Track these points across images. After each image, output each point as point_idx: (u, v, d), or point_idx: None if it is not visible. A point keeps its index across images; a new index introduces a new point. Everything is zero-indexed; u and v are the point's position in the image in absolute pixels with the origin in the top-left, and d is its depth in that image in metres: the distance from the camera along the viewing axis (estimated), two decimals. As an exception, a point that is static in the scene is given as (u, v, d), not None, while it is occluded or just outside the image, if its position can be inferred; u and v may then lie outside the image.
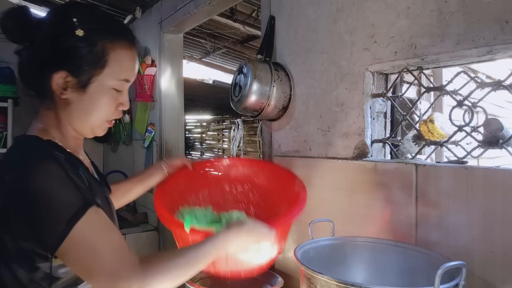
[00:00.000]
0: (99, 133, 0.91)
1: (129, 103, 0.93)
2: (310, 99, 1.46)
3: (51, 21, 0.85)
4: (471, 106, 1.07)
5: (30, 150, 0.80)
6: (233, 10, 2.99)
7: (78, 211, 0.73)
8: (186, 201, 1.31)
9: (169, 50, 2.75)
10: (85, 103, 0.85)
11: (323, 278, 0.83)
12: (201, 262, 0.84)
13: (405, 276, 1.03)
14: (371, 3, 1.22)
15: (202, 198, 1.36)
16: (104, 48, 0.83)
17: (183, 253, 0.84)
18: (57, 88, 0.83)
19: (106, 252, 0.75)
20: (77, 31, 0.80)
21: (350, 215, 1.26)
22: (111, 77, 0.85)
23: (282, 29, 1.60)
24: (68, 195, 0.74)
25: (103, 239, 0.76)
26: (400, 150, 1.26)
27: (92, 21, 0.85)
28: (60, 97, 0.84)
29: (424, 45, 1.08)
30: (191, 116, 6.88)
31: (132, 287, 0.73)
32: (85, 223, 0.73)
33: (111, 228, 0.79)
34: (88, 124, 0.88)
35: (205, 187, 1.37)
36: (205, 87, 4.29)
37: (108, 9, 3.10)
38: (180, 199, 1.28)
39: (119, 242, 0.78)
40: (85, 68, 0.82)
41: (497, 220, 0.90)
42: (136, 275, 0.74)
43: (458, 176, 0.98)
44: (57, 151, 0.81)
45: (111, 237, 0.77)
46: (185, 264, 0.81)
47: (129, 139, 3.22)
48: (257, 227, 0.94)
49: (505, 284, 0.90)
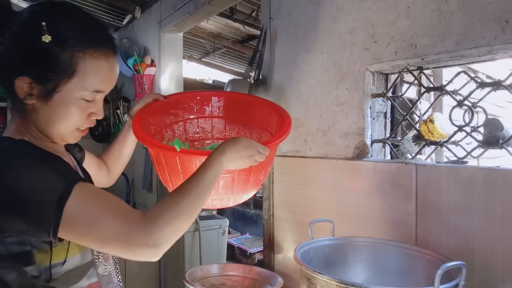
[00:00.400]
0: (70, 141, 0.88)
1: (103, 112, 0.88)
2: (310, 99, 1.46)
3: (22, 20, 0.78)
4: (471, 106, 1.07)
5: (1, 150, 0.77)
6: (232, 10, 2.99)
7: (63, 192, 0.71)
8: (162, 136, 1.26)
9: (168, 50, 2.75)
10: (50, 112, 0.80)
11: (323, 278, 0.83)
12: (206, 194, 0.82)
13: (405, 276, 1.03)
14: (371, 2, 1.22)
15: (178, 134, 1.30)
16: (72, 57, 0.77)
17: (186, 191, 0.80)
18: (22, 93, 0.78)
19: (108, 218, 0.73)
20: (44, 37, 0.75)
21: (350, 215, 1.26)
22: (79, 88, 0.79)
23: (282, 29, 1.59)
24: (49, 180, 0.72)
25: (101, 207, 0.74)
26: (400, 150, 1.26)
27: (64, 26, 0.78)
28: (26, 102, 0.79)
29: (424, 45, 1.08)
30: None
31: (149, 241, 0.72)
32: (76, 200, 0.72)
33: (104, 194, 0.77)
34: (55, 133, 0.84)
35: (180, 121, 1.31)
36: (204, 87, 4.29)
37: (108, 9, 3.09)
38: (156, 133, 1.23)
39: (117, 204, 0.76)
40: (49, 76, 0.77)
41: (497, 220, 0.90)
42: (148, 228, 0.73)
43: (458, 176, 0.98)
44: (30, 148, 0.80)
45: (108, 202, 0.75)
46: (190, 203, 0.79)
47: (129, 139, 3.22)
48: (252, 143, 0.91)
49: (505, 284, 0.89)
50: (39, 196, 0.71)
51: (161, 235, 0.74)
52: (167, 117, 1.29)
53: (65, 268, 0.81)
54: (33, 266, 0.78)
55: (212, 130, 1.33)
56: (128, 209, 0.76)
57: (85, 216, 0.73)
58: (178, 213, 0.77)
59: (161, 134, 1.25)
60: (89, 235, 0.74)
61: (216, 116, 1.32)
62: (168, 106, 1.27)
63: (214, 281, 1.43)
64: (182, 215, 0.77)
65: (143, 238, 0.72)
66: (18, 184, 0.71)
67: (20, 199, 0.71)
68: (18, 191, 0.71)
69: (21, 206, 0.72)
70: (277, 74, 1.63)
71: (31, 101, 0.79)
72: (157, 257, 0.76)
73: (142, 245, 0.73)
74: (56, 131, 0.83)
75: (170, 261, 2.69)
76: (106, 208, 0.74)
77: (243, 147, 0.89)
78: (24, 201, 0.71)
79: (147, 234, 0.73)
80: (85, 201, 0.74)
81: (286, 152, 1.58)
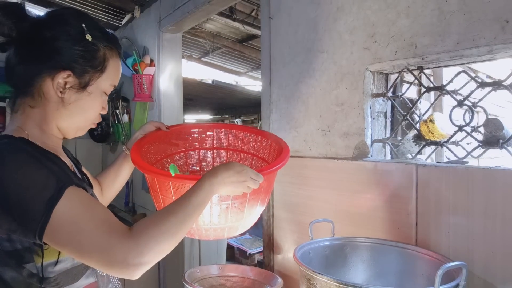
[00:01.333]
0: (81, 134, 0.94)
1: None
2: (310, 98, 1.46)
3: (54, 22, 0.87)
4: (471, 106, 1.07)
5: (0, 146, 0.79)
6: (232, 9, 2.98)
7: (54, 194, 0.72)
8: (163, 166, 1.26)
9: (168, 50, 2.74)
10: (82, 103, 0.88)
11: (323, 279, 0.82)
12: (192, 215, 0.81)
13: (405, 277, 1.02)
14: (372, 2, 1.22)
15: (179, 164, 1.30)
16: (105, 54, 0.89)
17: (172, 211, 0.80)
18: (57, 87, 0.84)
19: (91, 228, 0.72)
20: (87, 36, 0.86)
21: (350, 215, 1.25)
22: (106, 82, 0.91)
23: (282, 28, 1.59)
24: (43, 179, 0.73)
25: (86, 217, 0.74)
26: (400, 150, 1.26)
27: (96, 28, 0.89)
28: (56, 95, 0.85)
29: (425, 44, 1.07)
30: (190, 116, 6.88)
31: (128, 257, 0.71)
32: (65, 205, 0.72)
33: (93, 203, 0.77)
34: (77, 124, 0.91)
35: (181, 152, 1.31)
36: (204, 86, 4.28)
37: (107, 9, 3.09)
38: (156, 163, 1.23)
39: (104, 215, 0.76)
40: (88, 70, 0.87)
41: (497, 220, 0.90)
42: (129, 245, 0.72)
43: (458, 176, 0.98)
44: (28, 146, 0.80)
45: (94, 212, 0.75)
46: (176, 223, 0.78)
47: (128, 139, 3.21)
48: (245, 169, 0.89)
49: (505, 284, 0.89)
50: (29, 193, 0.71)
51: (142, 252, 0.72)
52: (168, 147, 1.29)
53: (58, 268, 0.80)
54: (29, 264, 0.77)
55: (214, 161, 1.34)
56: (113, 222, 0.76)
57: (70, 223, 0.72)
58: (163, 232, 0.76)
59: (161, 163, 1.25)
60: (71, 243, 0.73)
61: (217, 148, 1.33)
62: (170, 136, 1.27)
63: (214, 282, 1.43)
64: (166, 235, 0.76)
65: (123, 253, 0.71)
66: (10, 180, 0.72)
67: (10, 196, 0.71)
68: (9, 187, 0.71)
69: (11, 203, 0.72)
70: (277, 74, 1.63)
71: (64, 94, 0.86)
72: (136, 275, 0.74)
73: (121, 261, 0.71)
74: (78, 123, 0.91)
75: (170, 262, 2.69)
76: (91, 218, 0.74)
77: (235, 172, 0.88)
78: (15, 197, 0.71)
79: (127, 250, 0.72)
80: (72, 207, 0.73)
81: (286, 152, 1.58)
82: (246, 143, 1.30)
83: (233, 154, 1.33)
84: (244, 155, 1.31)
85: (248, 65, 4.74)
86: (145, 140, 1.18)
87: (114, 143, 3.50)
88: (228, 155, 1.34)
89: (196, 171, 1.32)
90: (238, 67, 4.84)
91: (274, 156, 1.15)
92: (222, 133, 1.33)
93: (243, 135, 1.30)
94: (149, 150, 1.19)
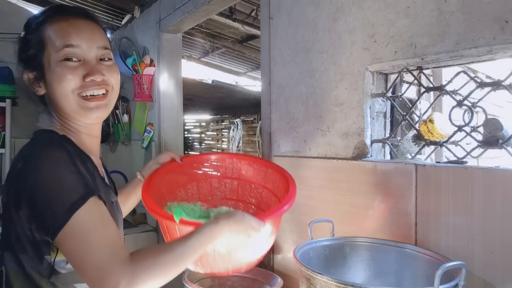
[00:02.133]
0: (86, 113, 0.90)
1: (99, 71, 0.90)
2: (310, 99, 1.46)
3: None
4: (470, 106, 1.07)
5: (42, 139, 0.86)
6: (232, 10, 2.98)
7: (79, 198, 0.75)
8: (175, 196, 1.28)
9: (168, 50, 2.74)
10: (50, 85, 0.88)
11: (323, 279, 0.83)
12: (189, 256, 0.83)
13: (405, 276, 1.03)
14: (371, 2, 1.22)
15: (190, 193, 1.33)
16: (39, 33, 0.89)
17: (171, 248, 0.82)
18: (31, 86, 0.91)
19: (98, 245, 0.75)
20: (21, 34, 0.92)
21: (349, 215, 1.26)
22: (53, 51, 0.87)
23: (282, 29, 1.59)
24: (72, 182, 0.77)
25: (99, 232, 0.76)
26: (399, 150, 1.26)
27: (32, 19, 0.93)
28: (38, 95, 0.91)
29: (424, 44, 1.08)
30: (190, 116, 6.88)
31: (120, 284, 0.72)
32: (85, 212, 0.75)
33: (108, 221, 0.80)
34: (65, 105, 0.89)
35: (194, 181, 1.34)
36: (204, 87, 4.28)
37: (107, 9, 3.09)
38: (168, 193, 1.26)
39: (113, 236, 0.78)
40: (32, 57, 0.89)
41: (496, 220, 0.90)
42: (125, 272, 0.73)
43: (457, 176, 0.98)
44: (68, 144, 0.86)
45: (106, 230, 0.78)
46: (173, 260, 0.80)
47: (128, 139, 3.22)
48: (246, 218, 0.91)
49: (505, 284, 0.89)
50: (56, 191, 0.76)
51: (136, 281, 0.73)
52: (181, 177, 1.32)
53: (69, 266, 0.82)
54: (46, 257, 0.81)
55: (225, 190, 1.37)
56: (119, 245, 0.77)
57: (82, 233, 0.75)
58: (159, 267, 0.77)
59: (173, 193, 1.28)
60: (75, 251, 0.75)
61: (229, 177, 1.36)
62: (182, 166, 1.31)
63: (214, 282, 1.43)
64: (161, 270, 0.78)
65: (117, 278, 0.72)
66: (44, 174, 0.76)
67: (40, 188, 0.76)
68: (40, 180, 0.76)
69: (37, 195, 0.76)
70: (276, 74, 1.63)
71: (40, 91, 0.91)
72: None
73: (113, 285, 0.72)
74: (63, 103, 0.89)
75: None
76: (102, 234, 0.76)
77: (235, 221, 0.90)
78: (43, 192, 0.76)
79: (122, 276, 0.73)
80: (90, 218, 0.76)
81: (286, 152, 1.58)
82: (257, 174, 1.33)
83: (244, 184, 1.36)
84: (255, 185, 1.33)
85: (248, 65, 4.74)
86: (159, 171, 1.23)
87: (114, 143, 3.50)
88: (239, 185, 1.36)
89: (208, 200, 1.36)
90: (238, 67, 4.84)
91: (283, 191, 1.16)
92: (234, 163, 1.36)
93: (254, 166, 1.34)
94: (161, 182, 1.23)
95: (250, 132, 5.43)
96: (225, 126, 6.04)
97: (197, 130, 6.90)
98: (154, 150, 2.79)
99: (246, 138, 5.51)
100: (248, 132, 5.47)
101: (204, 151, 6.65)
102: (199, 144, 6.83)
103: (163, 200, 1.21)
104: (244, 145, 5.52)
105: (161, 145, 2.75)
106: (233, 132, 5.62)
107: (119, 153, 3.48)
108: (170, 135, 2.79)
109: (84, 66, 0.89)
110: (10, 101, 3.04)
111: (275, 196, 1.23)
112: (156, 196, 1.15)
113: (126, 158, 3.27)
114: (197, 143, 6.90)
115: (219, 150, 6.23)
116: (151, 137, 2.81)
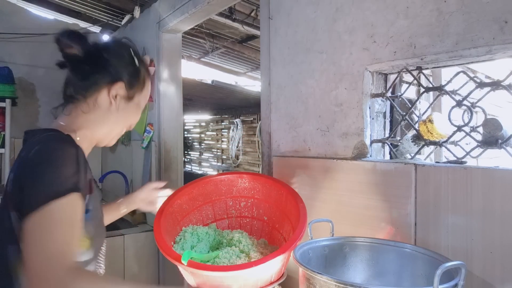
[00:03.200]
0: (111, 143, 1.09)
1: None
2: (309, 99, 1.46)
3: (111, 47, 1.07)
4: (470, 106, 1.07)
5: (53, 135, 0.91)
6: (232, 10, 2.99)
7: (62, 190, 0.78)
8: (189, 219, 1.32)
9: (167, 50, 2.75)
10: (126, 111, 1.06)
11: (322, 279, 0.83)
12: None
13: (405, 276, 1.03)
14: (371, 2, 1.22)
15: (205, 214, 1.37)
16: (144, 76, 1.09)
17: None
18: (112, 96, 1.01)
19: (60, 244, 0.75)
20: (135, 59, 1.06)
21: (349, 215, 1.26)
22: (144, 98, 1.10)
23: (281, 29, 1.59)
24: (68, 174, 0.81)
25: (65, 230, 0.78)
26: (399, 150, 1.26)
27: (138, 55, 1.09)
28: (109, 103, 1.01)
29: (424, 45, 1.08)
30: (190, 116, 6.88)
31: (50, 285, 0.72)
32: (60, 205, 0.77)
33: (77, 223, 0.82)
34: (116, 130, 1.07)
35: (208, 203, 1.38)
36: (204, 87, 4.27)
37: (107, 9, 3.09)
38: (181, 218, 1.30)
39: (73, 239, 0.80)
40: (134, 85, 1.05)
41: (496, 220, 0.90)
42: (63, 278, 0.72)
43: (457, 176, 0.98)
44: (74, 143, 0.91)
45: (73, 231, 0.80)
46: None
47: (128, 139, 3.22)
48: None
49: (504, 284, 0.90)
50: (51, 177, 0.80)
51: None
52: (195, 202, 1.36)
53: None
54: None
55: (240, 209, 1.40)
56: (74, 254, 0.78)
57: (51, 223, 0.76)
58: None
59: (188, 218, 1.32)
60: (36, 238, 0.75)
61: (244, 196, 1.39)
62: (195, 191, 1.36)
63: (213, 281, 1.43)
64: None
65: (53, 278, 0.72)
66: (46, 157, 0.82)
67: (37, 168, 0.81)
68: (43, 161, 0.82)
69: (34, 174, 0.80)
70: (276, 74, 1.63)
71: (116, 101, 1.02)
72: None
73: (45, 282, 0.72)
74: (118, 129, 1.07)
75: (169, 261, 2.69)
76: (67, 233, 0.78)
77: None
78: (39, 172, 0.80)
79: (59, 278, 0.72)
80: (61, 213, 0.77)
81: (285, 152, 1.58)
82: (268, 193, 1.36)
83: (257, 203, 1.38)
84: (269, 205, 1.36)
85: (248, 66, 4.74)
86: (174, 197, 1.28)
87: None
88: (254, 206, 1.39)
89: (223, 218, 1.40)
90: (238, 67, 4.84)
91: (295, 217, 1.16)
92: (246, 182, 1.39)
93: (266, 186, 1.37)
94: (174, 210, 1.28)
95: (250, 132, 5.43)
96: (225, 126, 6.04)
97: (197, 130, 6.90)
98: (153, 150, 2.79)
99: (245, 138, 5.51)
100: (248, 132, 5.47)
101: (204, 151, 6.66)
102: (199, 144, 6.83)
103: (177, 225, 1.26)
104: (243, 145, 5.52)
105: (161, 145, 2.75)
106: (232, 132, 5.62)
107: (119, 154, 3.48)
108: (170, 135, 2.79)
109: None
110: (10, 101, 3.04)
111: (288, 219, 1.25)
112: (170, 223, 1.20)
113: (126, 158, 3.27)
114: (196, 143, 6.90)
115: (219, 150, 6.23)
116: (151, 137, 2.81)
